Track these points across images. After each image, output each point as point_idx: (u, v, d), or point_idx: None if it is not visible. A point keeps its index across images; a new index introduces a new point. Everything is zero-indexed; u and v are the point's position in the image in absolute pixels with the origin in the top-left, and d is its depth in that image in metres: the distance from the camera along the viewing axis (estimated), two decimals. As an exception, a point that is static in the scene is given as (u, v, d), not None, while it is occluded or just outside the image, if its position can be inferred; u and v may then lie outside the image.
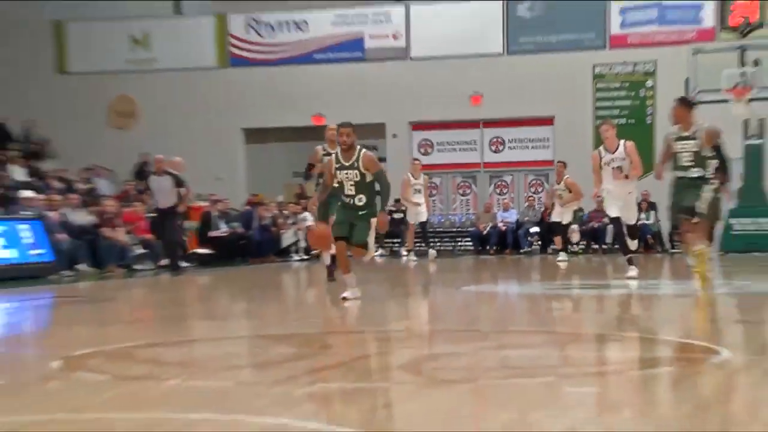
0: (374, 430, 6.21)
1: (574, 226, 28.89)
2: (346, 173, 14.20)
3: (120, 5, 37.07)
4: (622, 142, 19.93)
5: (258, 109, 35.80)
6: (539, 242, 34.44)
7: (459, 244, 35.71)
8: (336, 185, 14.66)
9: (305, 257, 32.80)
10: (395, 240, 34.49)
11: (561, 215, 27.54)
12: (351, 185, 14.17)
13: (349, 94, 33.50)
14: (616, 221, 20.10)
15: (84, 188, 31.39)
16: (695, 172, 14.64)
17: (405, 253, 31.30)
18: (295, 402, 7.80)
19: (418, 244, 29.29)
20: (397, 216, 34.55)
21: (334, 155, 14.65)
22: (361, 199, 14.30)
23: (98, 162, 34.23)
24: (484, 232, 34.53)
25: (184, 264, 28.80)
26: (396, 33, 36.34)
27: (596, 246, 33.38)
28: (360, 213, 14.44)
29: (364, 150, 14.76)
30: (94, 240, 28.26)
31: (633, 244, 21.30)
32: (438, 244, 31.62)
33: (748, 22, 32.33)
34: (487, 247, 34.31)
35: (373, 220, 14.75)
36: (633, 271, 19.31)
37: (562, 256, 27.95)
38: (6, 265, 25.15)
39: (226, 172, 35.64)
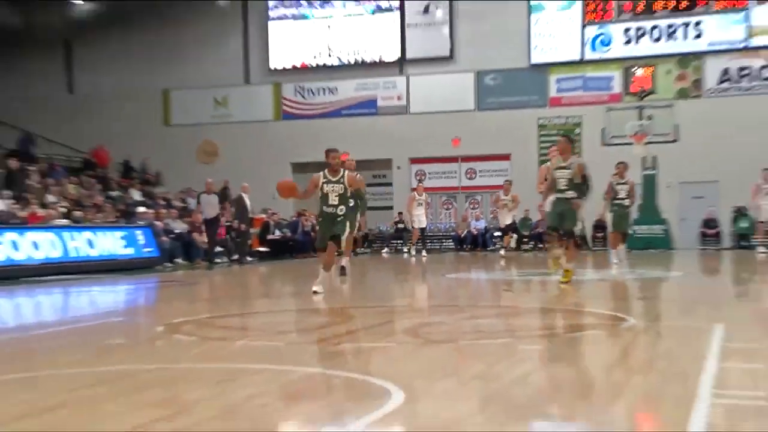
0: (385, 377, 6.18)
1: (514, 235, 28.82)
2: (332, 186, 13.50)
3: (207, 77, 37.07)
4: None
5: (301, 149, 35.62)
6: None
7: (444, 244, 35.52)
8: (321, 196, 13.70)
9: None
10: (399, 241, 34.36)
11: (506, 218, 27.49)
12: (335, 196, 13.41)
13: (366, 138, 33.39)
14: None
15: (180, 205, 31.31)
16: (569, 194, 14.17)
17: (406, 250, 31.36)
18: (328, 356, 7.80)
19: (416, 244, 29.14)
20: (400, 226, 34.59)
21: (322, 172, 13.85)
22: (342, 210, 13.51)
23: (190, 187, 34.23)
24: (462, 236, 34.43)
25: (248, 258, 28.83)
26: (399, 95, 36.21)
27: (541, 246, 33.23)
28: (338, 220, 13.55)
29: (347, 171, 14.11)
30: (186, 242, 28.26)
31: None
32: (429, 244, 31.38)
33: (644, 89, 32.38)
34: (464, 246, 34.20)
35: (348, 229, 14.03)
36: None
37: (503, 252, 27.85)
38: (126, 259, 25.18)
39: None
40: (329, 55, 36.98)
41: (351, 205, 16.25)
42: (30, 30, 36.59)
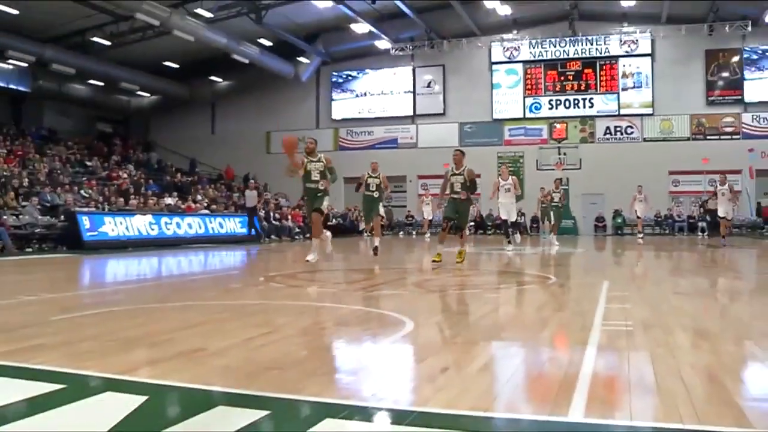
0: (400, 312, 6.13)
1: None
2: (314, 164, 11.26)
3: (293, 124, 36.77)
4: (510, 177, 17.95)
5: (351, 169, 35.20)
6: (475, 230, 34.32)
7: (437, 229, 35.20)
8: (304, 174, 11.46)
9: (370, 235, 32.64)
10: (410, 227, 34.09)
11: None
12: (317, 173, 11.17)
13: (390, 162, 32.93)
14: (504, 221, 18.42)
15: (275, 202, 31.33)
16: (462, 196, 11.90)
17: (416, 233, 31.29)
18: (363, 299, 7.73)
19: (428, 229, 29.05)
20: (410, 219, 34.41)
21: (304, 156, 11.61)
22: (321, 185, 11.27)
23: (282, 191, 34.23)
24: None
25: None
26: (411, 136, 35.93)
27: (500, 231, 33.07)
28: (318, 195, 11.31)
29: (322, 154, 11.66)
30: (278, 225, 28.23)
31: (517, 237, 20.35)
32: (430, 229, 31.09)
33: (561, 136, 32.41)
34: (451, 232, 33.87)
35: (327, 199, 11.63)
36: (510, 245, 17.83)
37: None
38: (241, 236, 25.26)
39: (337, 197, 35.43)
40: (368, 111, 36.90)
41: (377, 196, 15.15)
42: (193, 97, 36.78)
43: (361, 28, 31.50)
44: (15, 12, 25.04)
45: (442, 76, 35.78)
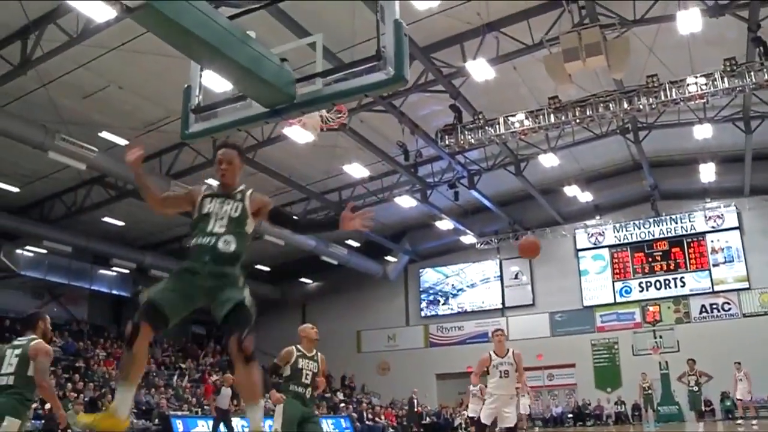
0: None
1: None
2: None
3: (383, 322, 38.03)
4: (510, 351, 11.12)
5: (442, 365, 35.70)
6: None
7: (535, 423, 34.38)
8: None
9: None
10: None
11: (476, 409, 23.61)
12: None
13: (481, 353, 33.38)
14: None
15: (366, 402, 31.56)
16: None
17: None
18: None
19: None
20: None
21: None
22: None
23: (374, 390, 34.62)
24: (546, 418, 33.41)
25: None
26: (502, 330, 36.11)
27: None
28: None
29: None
30: (371, 425, 28.29)
31: None
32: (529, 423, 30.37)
33: (655, 319, 32.30)
34: (548, 425, 33.19)
35: None
36: None
37: None
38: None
39: (429, 394, 35.43)
40: (458, 306, 37.60)
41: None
42: (285, 299, 38.73)
43: (445, 224, 32.92)
44: (121, 224, 28.09)
45: (529, 266, 36.48)
